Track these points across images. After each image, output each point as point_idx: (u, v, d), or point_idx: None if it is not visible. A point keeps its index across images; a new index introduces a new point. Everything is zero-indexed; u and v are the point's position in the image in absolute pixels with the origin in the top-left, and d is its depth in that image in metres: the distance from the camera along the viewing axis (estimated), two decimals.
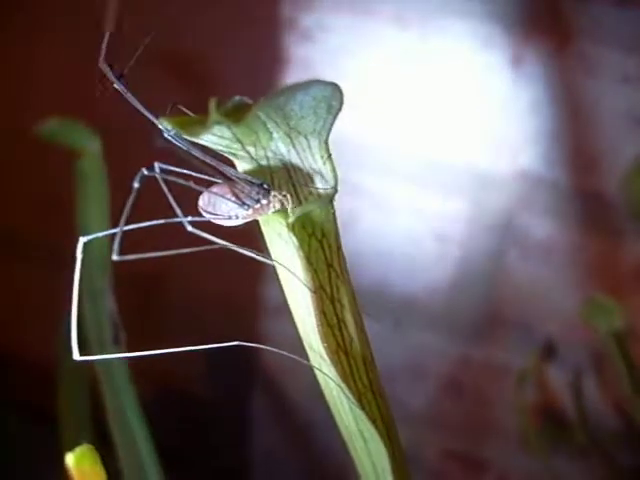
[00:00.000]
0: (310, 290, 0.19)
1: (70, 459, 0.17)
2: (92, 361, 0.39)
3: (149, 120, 0.19)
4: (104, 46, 0.19)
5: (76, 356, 0.22)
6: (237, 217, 0.21)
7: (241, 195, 0.20)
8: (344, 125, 0.58)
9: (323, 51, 0.56)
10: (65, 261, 0.25)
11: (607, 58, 0.53)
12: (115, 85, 0.18)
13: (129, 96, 0.19)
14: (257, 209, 0.20)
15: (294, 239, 0.19)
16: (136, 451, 0.35)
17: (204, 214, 0.21)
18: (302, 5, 0.55)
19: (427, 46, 0.54)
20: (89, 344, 0.39)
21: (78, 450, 0.17)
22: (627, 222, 0.55)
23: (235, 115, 0.17)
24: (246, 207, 0.20)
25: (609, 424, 0.57)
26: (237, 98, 0.18)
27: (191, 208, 0.22)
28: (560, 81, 0.54)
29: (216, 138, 0.19)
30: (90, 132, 0.40)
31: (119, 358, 0.38)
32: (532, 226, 0.57)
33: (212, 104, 0.16)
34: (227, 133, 0.19)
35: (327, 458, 0.66)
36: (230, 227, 0.21)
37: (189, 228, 0.21)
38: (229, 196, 0.20)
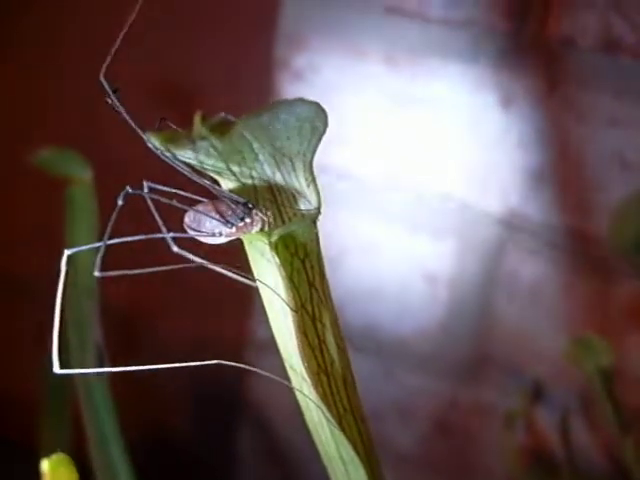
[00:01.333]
0: (292, 309, 0.20)
1: (45, 466, 0.17)
2: (77, 393, 0.39)
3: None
4: (106, 63, 0.20)
5: (56, 369, 0.21)
6: (221, 234, 0.21)
7: (225, 213, 0.21)
8: (334, 164, 0.58)
9: (314, 91, 0.57)
10: (47, 293, 0.25)
11: (594, 102, 0.54)
12: (109, 100, 0.18)
13: (121, 111, 0.19)
14: (241, 227, 0.21)
15: (276, 258, 0.20)
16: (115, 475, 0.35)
17: (189, 231, 0.22)
18: (295, 46, 0.56)
19: (417, 86, 0.55)
20: (72, 365, 0.39)
21: (54, 457, 0.17)
22: (615, 263, 0.55)
23: (220, 130, 0.17)
24: (230, 225, 0.21)
25: (597, 466, 0.56)
26: (222, 115, 0.18)
27: (177, 229, 0.22)
28: (548, 123, 0.55)
29: (202, 157, 0.20)
30: (82, 161, 0.40)
31: (101, 384, 0.37)
32: (521, 266, 0.58)
33: (197, 118, 0.16)
34: (213, 152, 0.19)
35: None
36: (214, 247, 0.22)
37: (174, 249, 0.21)
38: (213, 214, 0.21)
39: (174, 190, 0.21)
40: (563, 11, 0.52)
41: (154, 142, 0.18)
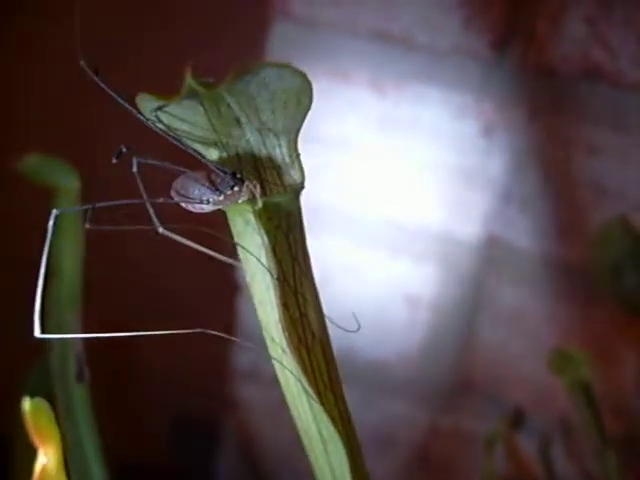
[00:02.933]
0: (273, 277, 0.20)
1: (26, 406, 0.17)
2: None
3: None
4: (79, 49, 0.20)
5: (37, 333, 0.21)
6: (209, 202, 0.21)
7: (216, 181, 0.21)
8: (316, 188, 0.59)
9: None
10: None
11: (575, 130, 0.55)
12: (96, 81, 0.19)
13: (108, 90, 0.20)
14: (229, 196, 0.21)
15: (260, 227, 0.20)
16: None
17: (175, 197, 0.22)
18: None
19: (401, 112, 0.56)
20: (53, 379, 0.38)
21: (34, 401, 0.17)
22: (596, 289, 0.56)
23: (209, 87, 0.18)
24: (219, 193, 0.21)
25: None
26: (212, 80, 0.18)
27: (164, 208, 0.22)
28: (529, 150, 0.56)
29: (190, 127, 0.20)
30: (69, 169, 0.41)
31: (81, 390, 0.37)
32: (502, 292, 0.58)
33: (188, 70, 0.16)
34: (202, 120, 0.20)
35: None
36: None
37: (160, 230, 0.21)
38: (204, 181, 0.21)
39: (161, 164, 0.21)
40: (545, 40, 0.54)
41: (145, 104, 0.18)
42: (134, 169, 0.21)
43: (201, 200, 0.21)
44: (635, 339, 0.55)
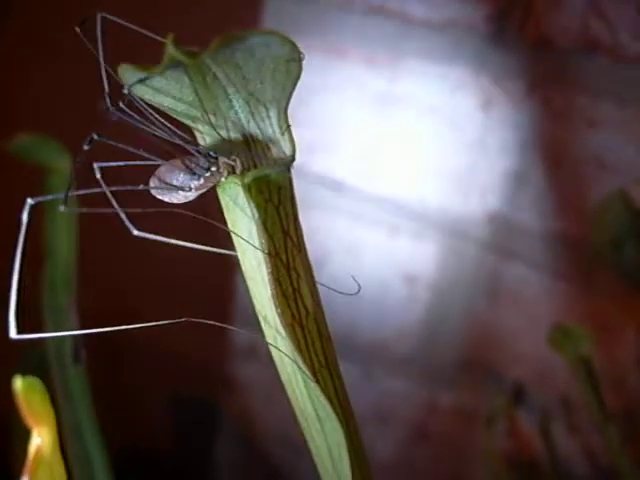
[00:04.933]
0: (264, 253, 0.19)
1: (18, 385, 0.16)
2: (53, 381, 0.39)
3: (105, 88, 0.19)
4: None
5: (13, 334, 0.20)
6: (190, 189, 0.21)
7: (191, 166, 0.20)
8: (314, 166, 0.58)
9: (296, 90, 0.57)
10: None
11: (574, 103, 0.54)
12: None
13: (90, 46, 0.19)
14: (208, 177, 0.20)
15: (250, 201, 0.19)
16: (90, 464, 0.34)
17: (157, 195, 0.21)
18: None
19: (397, 88, 0.55)
20: (49, 361, 0.38)
21: (26, 380, 0.17)
22: (595, 264, 0.55)
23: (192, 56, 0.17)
24: (197, 177, 0.21)
25: (578, 468, 0.56)
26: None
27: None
28: (528, 125, 0.55)
29: (175, 101, 0.19)
30: (60, 148, 0.40)
31: (78, 373, 0.37)
32: (501, 269, 0.58)
33: (170, 38, 0.16)
34: (188, 93, 0.19)
35: None
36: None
37: (135, 232, 0.20)
38: (179, 170, 0.20)
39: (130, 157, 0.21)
40: (543, 13, 0.53)
41: (127, 74, 0.18)
42: (97, 176, 0.21)
43: (182, 188, 0.20)
44: (635, 314, 0.55)
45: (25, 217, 0.20)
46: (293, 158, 0.20)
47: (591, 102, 0.54)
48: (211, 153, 0.20)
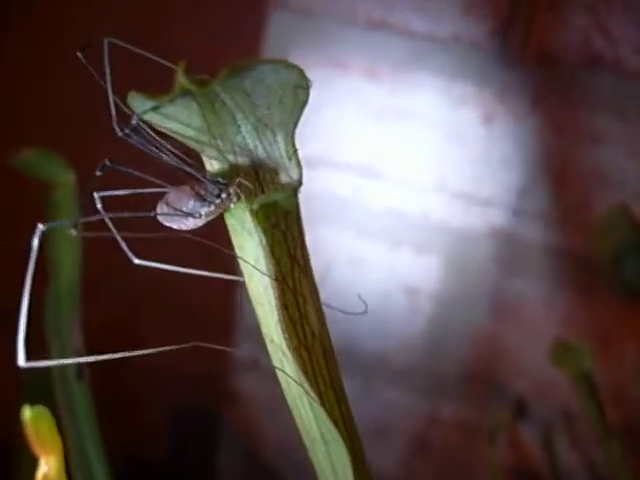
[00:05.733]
0: (271, 278, 0.19)
1: (27, 415, 0.17)
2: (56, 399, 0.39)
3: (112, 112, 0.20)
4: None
5: (21, 362, 0.20)
6: (200, 215, 0.21)
7: (201, 192, 0.21)
8: (316, 179, 0.58)
9: None
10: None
11: (576, 118, 0.54)
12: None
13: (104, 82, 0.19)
14: (219, 204, 0.20)
15: (257, 227, 0.19)
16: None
17: (165, 222, 0.21)
18: (279, 58, 0.56)
19: (399, 101, 0.56)
20: (52, 377, 0.38)
21: (35, 410, 0.17)
22: (597, 278, 0.55)
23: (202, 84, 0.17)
24: (207, 204, 0.21)
25: None
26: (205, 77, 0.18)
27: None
28: (531, 139, 0.55)
29: (184, 127, 0.20)
30: (65, 163, 0.40)
31: (82, 390, 0.37)
32: (503, 282, 0.58)
33: (180, 67, 0.16)
34: (196, 119, 0.19)
35: None
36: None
37: (135, 261, 0.21)
38: (189, 196, 0.21)
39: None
40: (545, 29, 0.53)
41: (135, 102, 0.18)
42: (98, 206, 0.21)
43: (192, 215, 0.20)
44: (636, 328, 0.55)
45: (36, 242, 0.20)
46: (300, 183, 0.20)
47: (593, 117, 0.54)
48: (220, 179, 0.20)
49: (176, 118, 0.19)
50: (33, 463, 0.18)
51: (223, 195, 0.20)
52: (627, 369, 0.56)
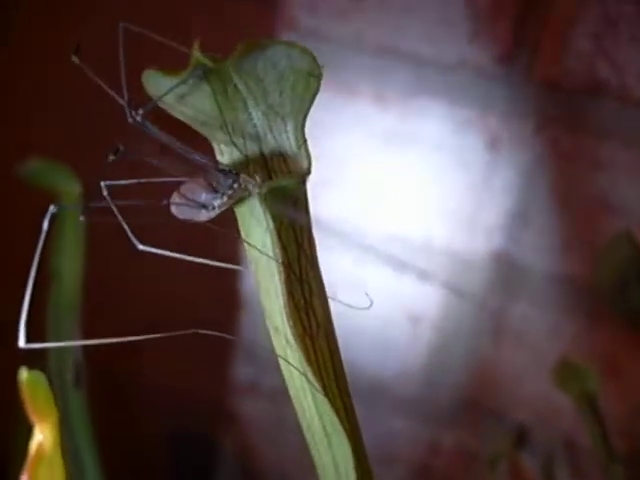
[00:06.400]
0: (278, 262, 0.19)
1: (23, 377, 0.16)
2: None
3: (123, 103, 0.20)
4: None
5: (22, 343, 0.20)
6: (213, 207, 0.21)
7: (214, 184, 0.21)
8: (320, 204, 0.59)
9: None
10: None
11: (579, 145, 0.54)
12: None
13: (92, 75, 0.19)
14: (231, 195, 0.21)
15: (266, 212, 0.19)
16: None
17: (180, 216, 0.21)
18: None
19: (406, 126, 0.56)
20: (50, 383, 0.38)
21: (32, 374, 0.17)
22: (600, 305, 0.55)
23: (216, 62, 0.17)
24: (220, 195, 0.21)
25: None
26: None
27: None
28: (534, 166, 0.56)
29: (196, 112, 0.20)
30: (69, 173, 0.40)
31: (79, 396, 0.37)
32: (506, 309, 0.58)
33: (196, 44, 0.16)
34: (208, 104, 0.19)
35: None
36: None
37: (140, 247, 0.21)
38: (202, 188, 0.21)
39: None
40: (550, 55, 0.54)
41: (150, 79, 0.18)
42: (105, 193, 0.21)
43: (206, 207, 0.21)
44: None
45: (46, 224, 0.20)
46: (309, 172, 0.20)
47: (597, 143, 0.54)
48: (231, 170, 0.20)
49: (189, 101, 0.19)
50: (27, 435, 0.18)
51: (235, 186, 0.20)
52: (632, 398, 0.56)
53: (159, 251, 0.21)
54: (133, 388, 0.68)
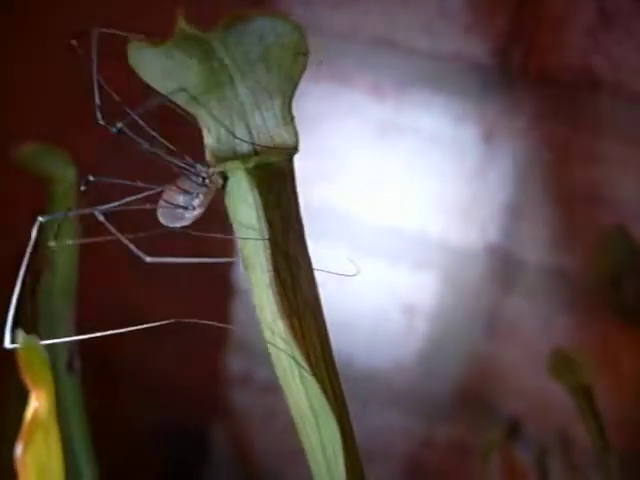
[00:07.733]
0: (264, 237, 0.19)
1: (20, 341, 0.16)
2: None
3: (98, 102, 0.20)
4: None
5: (7, 344, 0.20)
6: (194, 207, 0.21)
7: (185, 187, 0.21)
8: (314, 195, 0.58)
9: (300, 118, 0.57)
10: None
11: (574, 138, 0.55)
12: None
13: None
14: (206, 192, 0.21)
15: (253, 188, 0.19)
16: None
17: (169, 224, 0.22)
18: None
19: (401, 118, 0.56)
20: None
21: (28, 339, 0.17)
22: (594, 299, 0.55)
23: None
24: (195, 194, 0.21)
25: None
26: None
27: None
28: (529, 159, 0.56)
29: (180, 87, 0.20)
30: (65, 158, 0.40)
31: (72, 382, 0.36)
32: (500, 302, 0.58)
33: (180, 14, 0.16)
34: (194, 79, 0.19)
35: None
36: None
37: (147, 259, 0.21)
38: (178, 193, 0.21)
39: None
40: (546, 49, 0.54)
41: (134, 49, 0.18)
42: (100, 219, 0.21)
43: (186, 208, 0.21)
44: (634, 349, 0.55)
45: (34, 234, 0.20)
46: (296, 149, 0.20)
47: (592, 138, 0.54)
48: (201, 166, 0.21)
49: (174, 76, 0.19)
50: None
51: (207, 181, 0.21)
52: (627, 391, 0.56)
53: (165, 260, 0.21)
54: (125, 380, 0.68)
